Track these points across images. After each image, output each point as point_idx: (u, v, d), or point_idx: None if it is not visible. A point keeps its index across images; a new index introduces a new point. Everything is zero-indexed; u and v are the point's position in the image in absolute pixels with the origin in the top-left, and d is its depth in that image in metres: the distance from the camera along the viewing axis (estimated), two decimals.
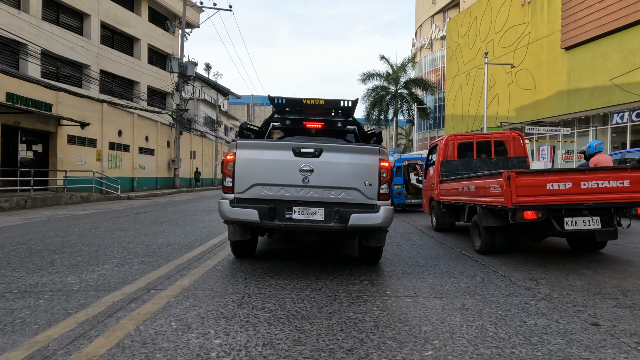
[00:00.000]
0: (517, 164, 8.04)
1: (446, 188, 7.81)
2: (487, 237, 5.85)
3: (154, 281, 4.16)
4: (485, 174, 5.88)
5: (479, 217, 6.03)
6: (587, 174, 5.03)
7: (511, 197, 4.95)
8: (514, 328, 3.03)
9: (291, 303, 3.54)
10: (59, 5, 22.21)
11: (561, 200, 4.95)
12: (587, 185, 4.95)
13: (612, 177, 4.97)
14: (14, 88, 15.62)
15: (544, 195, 4.96)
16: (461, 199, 6.88)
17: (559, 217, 5.06)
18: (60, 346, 2.59)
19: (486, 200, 5.67)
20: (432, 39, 50.39)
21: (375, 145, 4.82)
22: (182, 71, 26.45)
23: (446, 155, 8.57)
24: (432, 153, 9.46)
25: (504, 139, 8.64)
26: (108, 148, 21.78)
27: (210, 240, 6.79)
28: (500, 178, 5.17)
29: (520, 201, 4.94)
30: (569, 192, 4.95)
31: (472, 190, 6.31)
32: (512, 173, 5.00)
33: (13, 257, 5.25)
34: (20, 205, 12.94)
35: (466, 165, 8.31)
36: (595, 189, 4.94)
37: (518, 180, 4.98)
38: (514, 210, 4.98)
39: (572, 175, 5.05)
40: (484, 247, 5.94)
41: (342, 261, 5.38)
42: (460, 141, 8.76)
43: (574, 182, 4.96)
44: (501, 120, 26.21)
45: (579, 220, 5.04)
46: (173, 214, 11.39)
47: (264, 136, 6.05)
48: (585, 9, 20.93)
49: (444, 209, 8.17)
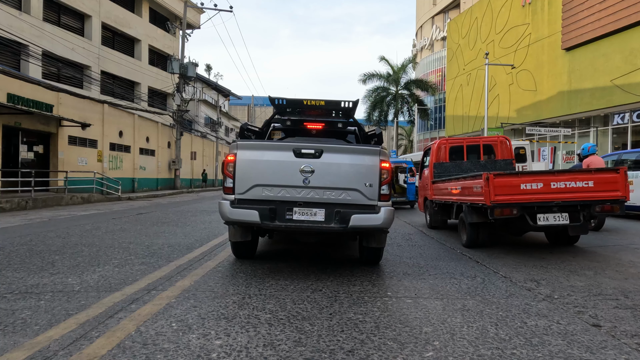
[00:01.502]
0: (504, 166, 8.66)
1: (438, 188, 8.43)
2: (471, 232, 6.47)
3: (154, 282, 4.17)
4: (469, 176, 6.51)
5: (465, 214, 6.62)
6: (557, 175, 5.66)
7: (489, 196, 5.57)
8: (514, 329, 3.03)
9: (292, 304, 3.54)
10: (60, 7, 22.25)
11: (534, 199, 5.53)
12: (556, 185, 5.54)
13: (578, 178, 5.55)
14: (15, 89, 15.65)
15: (518, 194, 5.56)
16: (450, 198, 7.50)
17: (532, 213, 5.60)
18: (61, 347, 2.59)
19: (470, 199, 6.30)
20: (433, 40, 50.41)
21: (375, 146, 4.82)
22: (183, 72, 26.48)
23: (439, 157, 9.23)
24: (427, 155, 10.02)
25: (492, 143, 9.40)
26: (109, 149, 21.81)
27: (210, 241, 6.79)
28: (480, 179, 5.76)
29: (497, 199, 5.55)
30: (541, 191, 5.53)
31: (458, 190, 6.94)
32: (490, 175, 5.59)
33: (14, 258, 5.25)
34: (21, 206, 12.95)
35: (457, 167, 8.93)
36: (564, 189, 5.52)
37: (496, 181, 5.58)
38: (492, 207, 5.57)
39: (543, 176, 5.65)
40: (469, 242, 6.56)
41: (342, 262, 5.37)
42: (452, 145, 9.48)
43: (545, 182, 5.54)
44: (502, 121, 26.23)
45: (549, 216, 5.60)
46: (174, 214, 11.39)
47: (265, 137, 6.05)
48: (586, 9, 20.93)
49: (436, 208, 8.77)
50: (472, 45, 31.89)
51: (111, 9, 25.42)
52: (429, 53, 51.13)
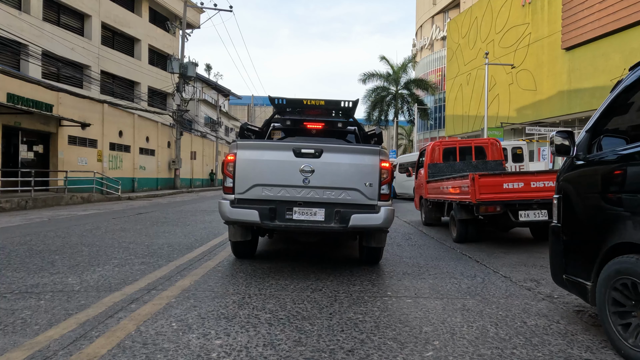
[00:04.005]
0: (495, 167, 9.11)
1: (432, 187, 8.88)
2: (460, 228, 6.95)
3: (154, 282, 4.17)
4: (458, 176, 7.04)
5: (455, 212, 7.12)
6: (536, 176, 6.16)
7: (475, 194, 6.09)
8: (514, 329, 3.03)
9: (292, 304, 3.54)
10: (59, 6, 22.23)
11: (515, 197, 6.06)
12: (536, 184, 6.04)
13: (555, 178, 5.83)
14: (15, 89, 15.64)
15: (501, 193, 6.09)
16: (442, 196, 7.97)
17: (514, 210, 6.13)
18: (61, 347, 2.59)
19: (459, 197, 6.79)
20: (433, 40, 50.38)
21: (375, 145, 4.82)
22: (183, 72, 26.47)
23: (433, 158, 9.76)
24: (422, 156, 10.53)
25: (483, 145, 9.95)
26: (109, 148, 21.80)
27: (210, 241, 6.79)
28: (467, 179, 6.24)
29: (482, 198, 6.09)
30: (522, 190, 6.05)
31: (449, 189, 7.41)
32: (475, 175, 6.13)
33: (14, 258, 5.25)
34: (21, 205, 12.95)
35: (450, 167, 9.31)
36: (542, 188, 5.99)
37: (481, 181, 6.10)
38: (477, 205, 6.12)
39: (524, 176, 6.21)
40: (458, 237, 7.03)
41: (342, 262, 5.37)
42: (445, 146, 10.06)
43: (525, 182, 6.07)
44: (502, 120, 26.23)
45: (530, 213, 6.12)
46: (174, 214, 11.39)
47: (265, 137, 6.05)
48: (586, 9, 20.92)
49: (430, 206, 9.20)
50: (472, 45, 31.88)
51: (111, 8, 25.40)
52: (428, 53, 51.12)
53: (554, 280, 3.39)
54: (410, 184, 17.00)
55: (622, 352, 2.55)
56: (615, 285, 2.61)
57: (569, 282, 3.11)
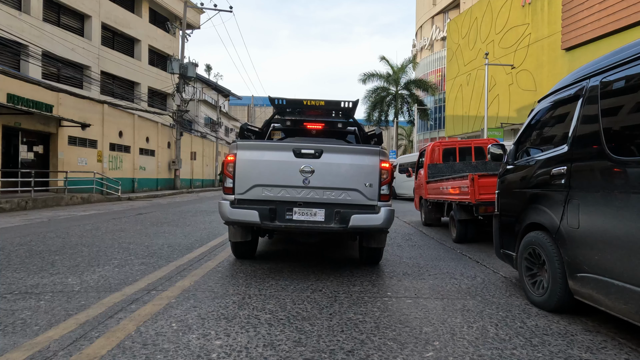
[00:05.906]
0: (494, 167, 9.12)
1: (432, 188, 8.93)
2: (460, 228, 7.00)
3: (154, 282, 4.16)
4: (457, 176, 7.07)
5: (454, 212, 7.18)
6: None
7: (474, 194, 6.14)
8: (514, 329, 3.03)
9: (292, 304, 3.54)
10: (60, 7, 22.24)
11: None
12: None
13: None
14: (15, 89, 15.64)
15: None
16: (442, 197, 8.01)
17: None
18: (60, 347, 2.59)
19: (459, 197, 6.83)
20: (433, 40, 50.39)
21: (375, 146, 4.82)
22: (183, 72, 26.46)
23: (433, 159, 9.83)
24: (422, 157, 10.55)
25: (483, 145, 9.96)
26: (109, 149, 21.79)
27: (210, 241, 6.79)
28: (467, 180, 6.29)
29: (482, 198, 6.10)
30: None
31: (449, 189, 7.45)
32: (475, 175, 6.17)
33: (14, 258, 5.25)
34: (21, 206, 12.95)
35: (450, 168, 9.34)
36: None
37: (480, 181, 6.14)
38: (477, 205, 6.16)
39: None
40: (458, 237, 7.07)
41: (342, 262, 5.37)
42: (445, 147, 10.10)
43: None
44: (502, 121, 26.24)
45: None
46: (174, 215, 11.39)
47: (265, 137, 6.05)
48: (586, 9, 20.94)
49: (430, 206, 9.26)
50: (472, 45, 31.90)
51: (111, 9, 25.42)
52: (428, 53, 51.13)
53: (496, 255, 4.44)
54: (410, 184, 17.00)
55: (532, 300, 3.62)
56: (526, 254, 3.70)
57: (504, 254, 4.21)
